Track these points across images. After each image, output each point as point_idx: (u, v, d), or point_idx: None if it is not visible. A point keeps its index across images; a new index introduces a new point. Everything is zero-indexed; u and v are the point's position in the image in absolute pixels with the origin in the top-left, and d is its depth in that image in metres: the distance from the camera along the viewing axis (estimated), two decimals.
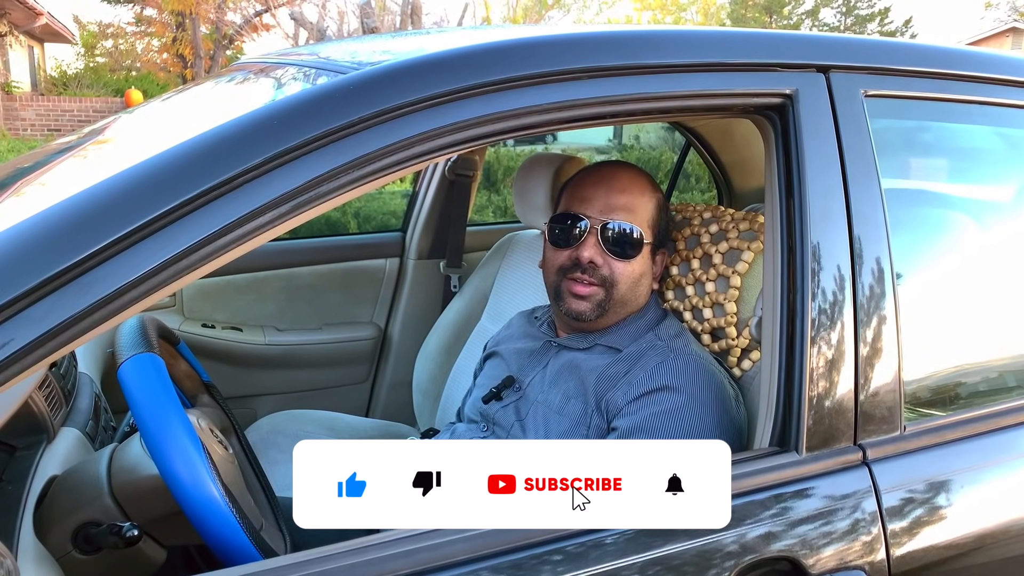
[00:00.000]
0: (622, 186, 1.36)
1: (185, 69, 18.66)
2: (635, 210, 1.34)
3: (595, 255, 1.32)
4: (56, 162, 1.19)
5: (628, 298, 1.35)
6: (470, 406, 1.50)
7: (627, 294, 1.35)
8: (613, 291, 1.33)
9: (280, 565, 0.83)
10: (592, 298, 1.33)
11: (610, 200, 1.34)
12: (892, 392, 1.08)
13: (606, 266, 1.32)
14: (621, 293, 1.34)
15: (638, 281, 1.36)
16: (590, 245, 1.32)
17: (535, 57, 0.94)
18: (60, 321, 0.73)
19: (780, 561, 0.98)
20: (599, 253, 1.32)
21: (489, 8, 19.46)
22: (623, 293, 1.34)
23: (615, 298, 1.34)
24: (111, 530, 0.99)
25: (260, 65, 1.42)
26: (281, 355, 2.44)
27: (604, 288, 1.33)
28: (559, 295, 1.37)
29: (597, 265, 1.32)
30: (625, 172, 1.40)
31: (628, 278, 1.34)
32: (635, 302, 1.37)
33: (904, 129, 1.34)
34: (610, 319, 1.36)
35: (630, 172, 1.40)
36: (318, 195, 0.83)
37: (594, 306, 1.33)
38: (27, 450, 1.16)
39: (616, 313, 1.36)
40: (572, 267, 1.34)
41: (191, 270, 0.79)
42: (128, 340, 1.09)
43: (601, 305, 1.34)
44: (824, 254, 1.05)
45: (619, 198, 1.34)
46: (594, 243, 1.32)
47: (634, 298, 1.37)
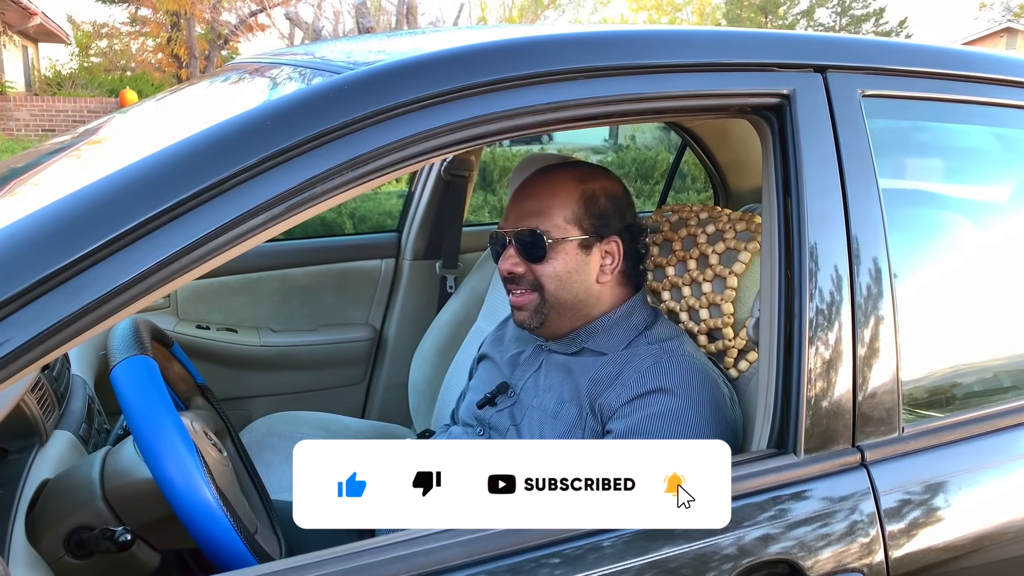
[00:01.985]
0: (529, 192, 1.38)
1: (180, 69, 18.63)
2: (546, 211, 1.34)
3: (514, 265, 1.35)
4: (49, 162, 1.18)
5: (564, 297, 1.35)
6: (465, 410, 1.49)
7: (560, 293, 1.34)
8: (545, 293, 1.34)
9: (275, 570, 0.83)
10: (528, 307, 1.36)
11: (523, 208, 1.36)
12: (890, 393, 1.08)
13: (529, 271, 1.35)
14: (552, 294, 1.34)
15: (567, 278, 1.34)
16: (509, 256, 1.35)
17: (531, 57, 0.93)
18: (51, 324, 0.72)
19: (778, 564, 0.98)
20: (520, 262, 1.35)
21: (485, 8, 19.46)
22: (554, 293, 1.34)
23: (549, 300, 1.34)
24: (104, 534, 0.99)
25: (255, 65, 1.41)
26: (276, 356, 2.44)
27: (536, 292, 1.35)
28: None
29: (520, 273, 1.35)
30: (536, 177, 1.40)
31: (552, 278, 1.34)
32: (582, 300, 1.36)
33: (902, 129, 1.34)
34: (563, 323, 1.37)
35: (542, 175, 1.40)
36: (313, 196, 0.82)
37: (532, 312, 1.36)
38: (19, 453, 1.15)
39: (564, 315, 1.36)
40: (506, 281, 1.38)
41: (184, 272, 0.78)
42: (121, 342, 1.08)
43: (538, 310, 1.35)
44: (822, 254, 1.04)
45: (527, 204, 1.36)
46: (512, 254, 1.35)
47: (573, 296, 1.35)
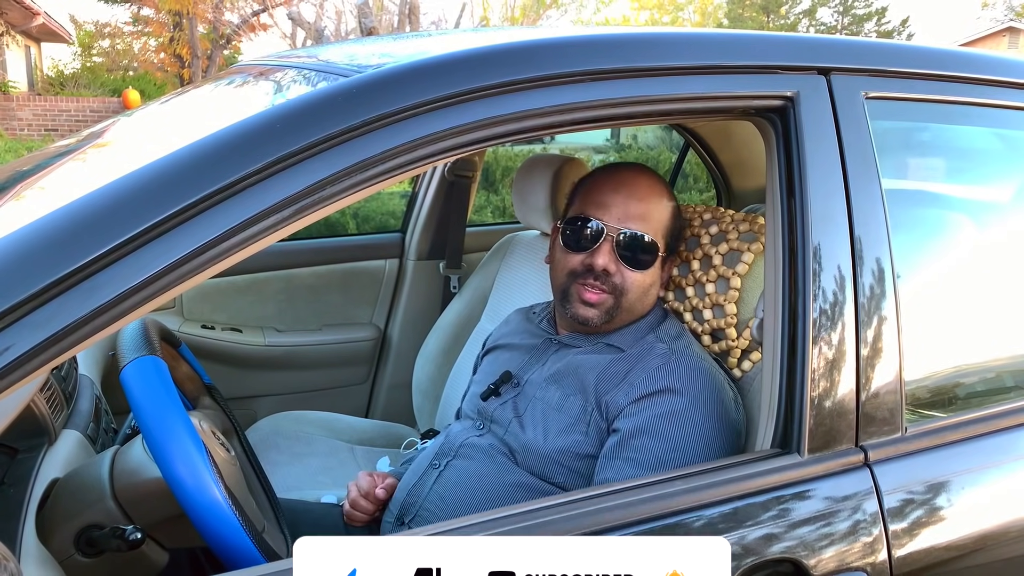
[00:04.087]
0: (641, 194, 1.34)
1: (182, 69, 18.64)
2: (651, 219, 1.33)
3: (609, 263, 1.31)
4: (57, 165, 1.19)
5: (636, 306, 1.36)
6: (468, 402, 1.50)
7: (636, 303, 1.35)
8: (623, 299, 1.33)
9: (283, 568, 0.83)
10: (601, 305, 1.33)
11: (628, 208, 1.32)
12: (893, 393, 1.08)
13: (619, 274, 1.32)
14: (630, 302, 1.34)
15: (647, 290, 1.36)
16: (605, 252, 1.31)
17: (538, 60, 0.94)
18: (64, 326, 0.73)
19: (782, 563, 0.98)
20: (613, 261, 1.31)
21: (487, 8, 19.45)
22: (632, 302, 1.34)
23: (624, 306, 1.34)
24: (114, 533, 0.99)
25: (260, 68, 1.41)
26: (281, 356, 2.44)
27: (614, 296, 1.32)
28: (567, 298, 1.36)
29: (610, 273, 1.31)
30: (644, 178, 1.37)
31: (639, 287, 1.33)
32: (642, 310, 1.38)
33: (905, 130, 1.34)
34: (614, 324, 1.36)
35: (649, 178, 1.37)
36: (323, 198, 0.83)
37: (603, 313, 1.33)
38: (28, 453, 1.16)
39: (622, 319, 1.36)
40: (584, 272, 1.33)
41: (195, 274, 0.79)
42: (130, 343, 1.09)
43: (609, 312, 1.33)
44: (825, 255, 1.05)
45: (637, 206, 1.32)
46: (609, 251, 1.31)
47: (642, 306, 1.37)
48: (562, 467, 1.28)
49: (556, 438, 1.29)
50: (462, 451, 1.38)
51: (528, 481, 1.29)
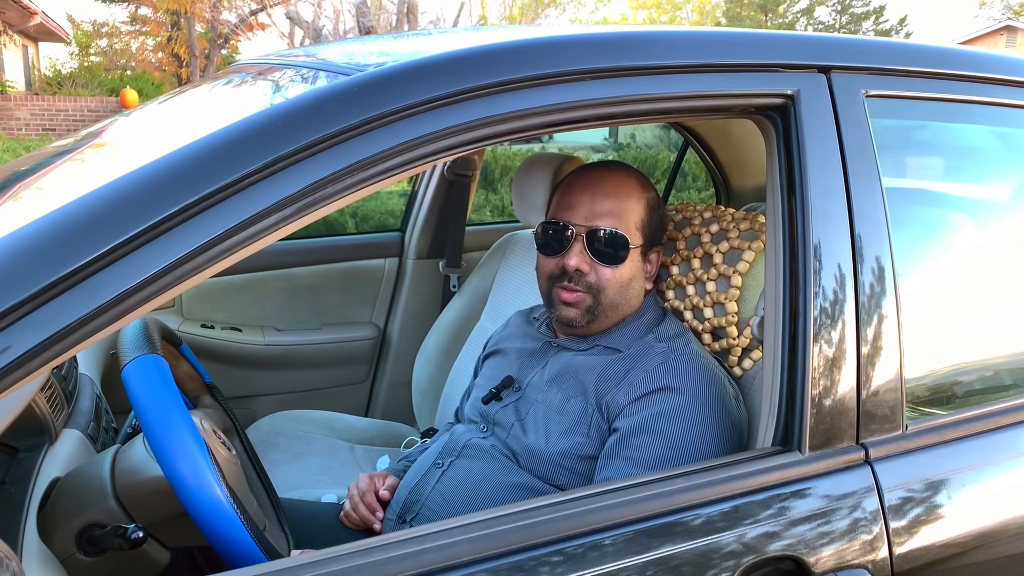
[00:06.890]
0: (607, 190, 1.35)
1: (180, 68, 18.61)
2: (621, 214, 1.33)
3: (581, 263, 1.32)
4: (55, 165, 1.18)
5: (618, 302, 1.35)
6: (470, 407, 1.50)
7: (616, 298, 1.35)
8: (601, 296, 1.33)
9: (286, 567, 0.83)
10: (580, 304, 1.33)
11: (595, 206, 1.33)
12: (894, 391, 1.09)
13: (592, 273, 1.32)
14: (610, 298, 1.34)
15: (627, 285, 1.35)
16: (575, 253, 1.32)
17: (537, 59, 0.94)
18: (66, 325, 0.73)
19: (783, 560, 0.99)
20: (586, 261, 1.32)
21: (485, 7, 19.44)
22: (612, 298, 1.34)
23: (604, 303, 1.34)
24: (115, 532, 0.99)
25: (258, 67, 1.41)
26: (280, 355, 2.44)
27: (591, 294, 1.33)
28: (551, 302, 1.38)
29: (584, 273, 1.32)
30: (611, 175, 1.38)
31: (616, 283, 1.34)
32: (627, 305, 1.37)
33: (905, 129, 1.34)
34: (603, 323, 1.36)
35: (617, 175, 1.38)
36: (324, 197, 0.83)
37: (583, 312, 1.34)
38: (29, 452, 1.16)
39: (609, 317, 1.36)
40: (560, 275, 1.34)
41: (196, 273, 0.79)
42: (132, 342, 1.09)
43: (590, 311, 1.34)
44: (826, 253, 1.05)
45: (604, 203, 1.33)
46: (580, 251, 1.32)
47: (625, 301, 1.36)
48: (564, 469, 1.28)
49: (558, 441, 1.29)
50: (466, 451, 1.39)
51: (531, 483, 1.29)
